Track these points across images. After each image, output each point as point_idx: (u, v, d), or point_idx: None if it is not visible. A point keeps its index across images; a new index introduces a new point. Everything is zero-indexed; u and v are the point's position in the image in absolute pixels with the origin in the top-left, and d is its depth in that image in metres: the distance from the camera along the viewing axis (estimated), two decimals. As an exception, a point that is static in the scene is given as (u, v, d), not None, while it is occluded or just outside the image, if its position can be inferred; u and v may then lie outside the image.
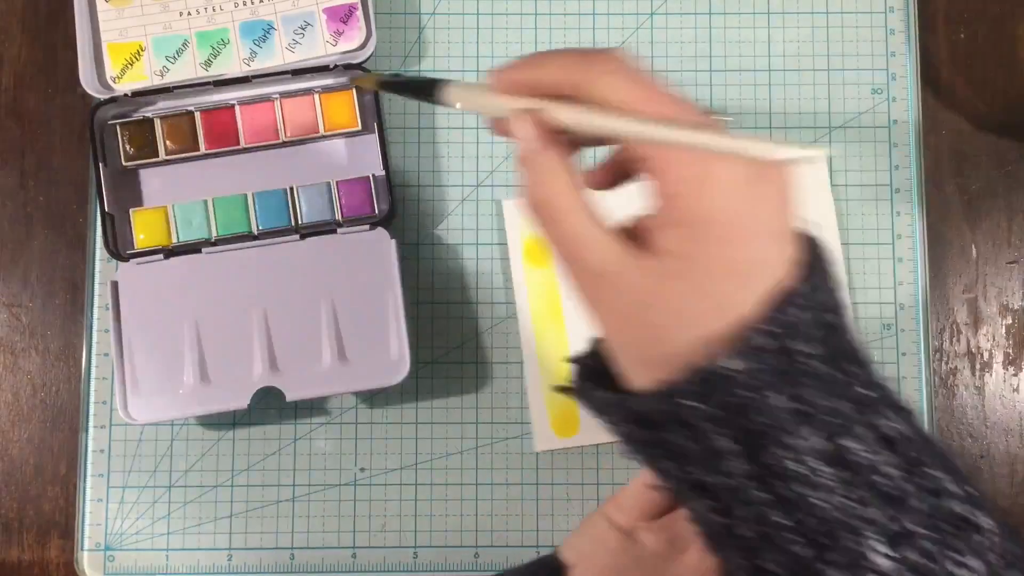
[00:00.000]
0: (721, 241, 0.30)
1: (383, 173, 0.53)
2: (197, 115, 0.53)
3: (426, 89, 0.38)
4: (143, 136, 0.53)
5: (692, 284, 0.31)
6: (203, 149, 0.53)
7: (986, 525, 0.31)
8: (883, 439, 0.31)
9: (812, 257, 0.32)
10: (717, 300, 0.31)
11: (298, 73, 0.53)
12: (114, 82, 0.53)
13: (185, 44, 0.53)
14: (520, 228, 0.54)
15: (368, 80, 0.48)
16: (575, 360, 0.36)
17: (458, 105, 0.37)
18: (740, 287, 0.31)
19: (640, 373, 0.32)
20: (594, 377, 0.35)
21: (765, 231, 0.31)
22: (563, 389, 0.36)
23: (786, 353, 0.31)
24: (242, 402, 0.51)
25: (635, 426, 0.32)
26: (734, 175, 0.30)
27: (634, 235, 0.32)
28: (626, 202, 0.34)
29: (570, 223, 0.32)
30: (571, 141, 0.33)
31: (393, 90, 0.45)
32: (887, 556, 0.30)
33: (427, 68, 0.56)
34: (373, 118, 0.53)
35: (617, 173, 0.35)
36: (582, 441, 0.54)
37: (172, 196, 0.53)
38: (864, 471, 0.31)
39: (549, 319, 0.54)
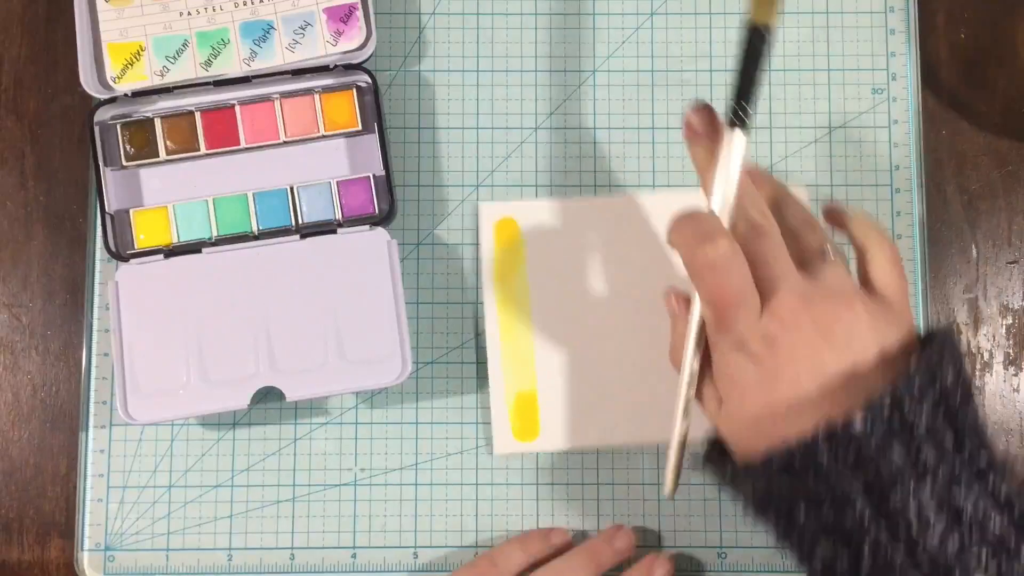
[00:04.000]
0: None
1: (383, 173, 0.53)
2: (197, 115, 0.53)
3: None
4: (143, 136, 0.53)
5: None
6: (203, 149, 0.53)
7: None
8: (991, 496, 0.37)
9: (937, 353, 0.38)
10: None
11: (298, 73, 0.53)
12: (114, 82, 0.53)
13: (185, 44, 0.53)
14: (491, 235, 0.55)
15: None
16: (710, 448, 0.44)
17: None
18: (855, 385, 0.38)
19: (769, 446, 0.39)
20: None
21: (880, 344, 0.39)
22: (707, 465, 0.44)
23: (902, 421, 0.37)
24: (242, 402, 0.51)
25: (778, 478, 0.38)
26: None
27: None
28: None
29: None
30: None
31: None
32: None
33: (427, 68, 0.56)
34: (373, 118, 0.53)
35: None
36: (541, 446, 0.54)
37: (172, 196, 0.53)
38: (974, 522, 0.36)
39: (516, 328, 0.54)
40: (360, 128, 0.53)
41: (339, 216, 0.53)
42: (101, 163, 0.52)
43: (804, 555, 0.40)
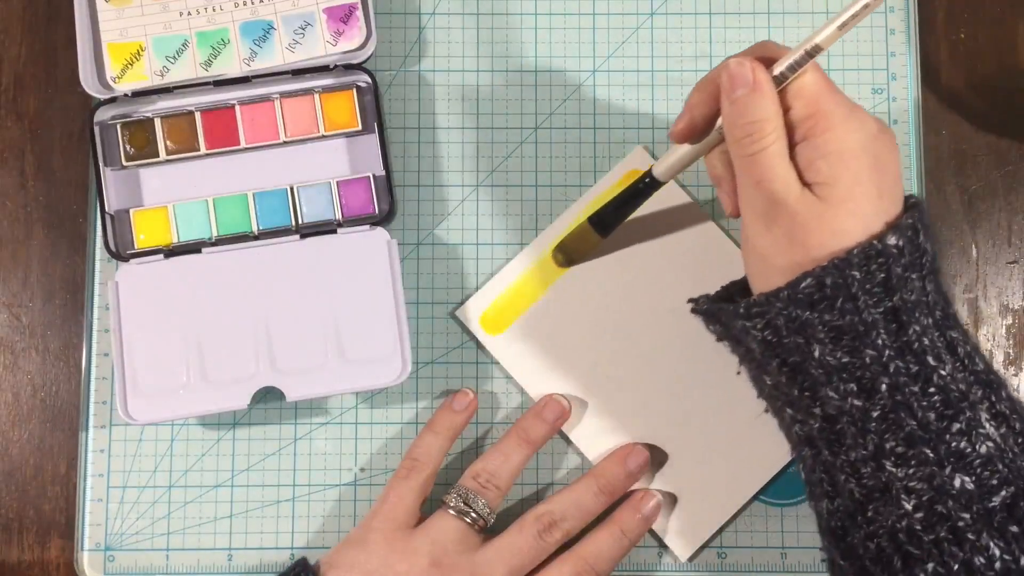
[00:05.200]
0: (866, 169, 0.38)
1: (383, 173, 0.53)
2: (197, 115, 0.53)
3: (636, 191, 0.49)
4: (143, 136, 0.53)
5: (843, 207, 0.38)
6: (203, 149, 0.53)
7: None
8: (973, 345, 0.39)
9: (917, 207, 0.40)
10: (861, 218, 0.38)
11: (298, 73, 0.53)
12: (114, 82, 0.53)
13: (185, 44, 0.53)
14: (620, 176, 0.55)
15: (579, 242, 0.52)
16: (704, 298, 0.45)
17: (663, 174, 0.48)
18: (879, 210, 0.39)
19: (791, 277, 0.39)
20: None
21: (893, 169, 0.40)
22: (697, 311, 0.45)
23: (919, 249, 0.38)
24: (242, 402, 0.51)
25: (799, 309, 0.38)
26: (870, 126, 0.39)
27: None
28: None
29: (770, 152, 0.39)
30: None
31: (606, 221, 0.51)
32: (994, 428, 0.37)
33: (427, 68, 0.56)
34: (373, 118, 0.53)
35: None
36: (494, 345, 0.54)
37: (172, 196, 0.53)
38: (969, 360, 0.38)
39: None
40: (360, 128, 0.53)
41: (339, 216, 0.53)
42: (101, 163, 0.52)
43: (807, 404, 0.39)
